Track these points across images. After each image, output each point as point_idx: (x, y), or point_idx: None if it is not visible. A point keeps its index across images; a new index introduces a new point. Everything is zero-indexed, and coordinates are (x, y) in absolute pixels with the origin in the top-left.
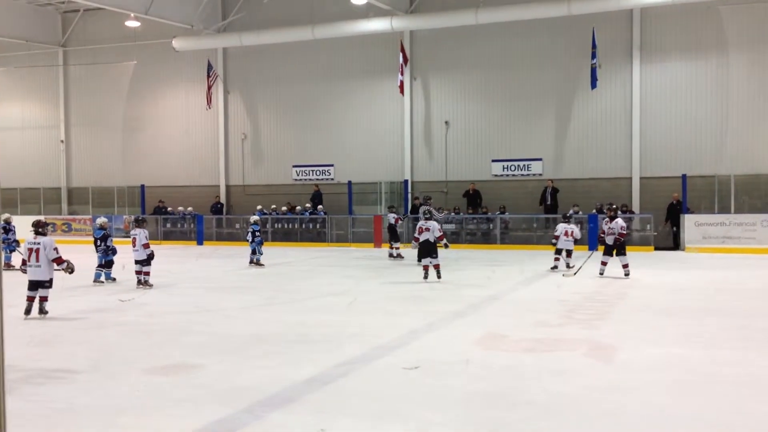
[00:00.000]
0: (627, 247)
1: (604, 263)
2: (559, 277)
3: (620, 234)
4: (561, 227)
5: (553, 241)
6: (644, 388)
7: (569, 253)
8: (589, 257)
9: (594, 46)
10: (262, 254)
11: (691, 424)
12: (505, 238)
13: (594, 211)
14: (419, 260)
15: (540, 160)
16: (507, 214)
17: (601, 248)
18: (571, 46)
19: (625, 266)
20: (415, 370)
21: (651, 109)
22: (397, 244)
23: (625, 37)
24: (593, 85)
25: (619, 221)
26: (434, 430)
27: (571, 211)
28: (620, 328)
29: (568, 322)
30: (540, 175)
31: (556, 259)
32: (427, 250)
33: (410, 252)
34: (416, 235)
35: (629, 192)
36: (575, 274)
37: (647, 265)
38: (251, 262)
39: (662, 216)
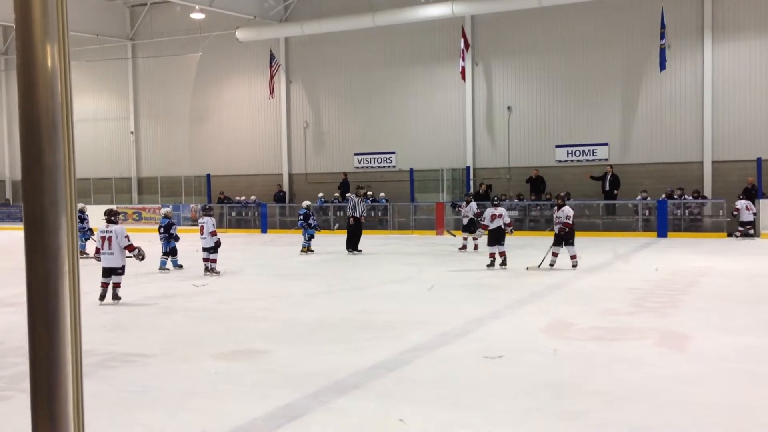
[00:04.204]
0: (677, 233)
1: (554, 254)
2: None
3: (565, 223)
4: (741, 203)
5: (734, 213)
6: (718, 378)
7: (749, 225)
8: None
9: (663, 25)
10: (310, 237)
11: (767, 417)
12: None
13: (663, 196)
14: (488, 246)
15: (606, 145)
16: (571, 200)
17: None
18: (638, 26)
19: (573, 257)
20: (487, 357)
21: (723, 90)
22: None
23: (696, 16)
24: (662, 66)
25: (566, 210)
26: (500, 419)
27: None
28: (692, 316)
29: (638, 310)
30: (606, 160)
31: (739, 230)
32: (497, 237)
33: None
34: (485, 222)
35: (701, 176)
36: (539, 266)
37: (720, 251)
38: (303, 249)
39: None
